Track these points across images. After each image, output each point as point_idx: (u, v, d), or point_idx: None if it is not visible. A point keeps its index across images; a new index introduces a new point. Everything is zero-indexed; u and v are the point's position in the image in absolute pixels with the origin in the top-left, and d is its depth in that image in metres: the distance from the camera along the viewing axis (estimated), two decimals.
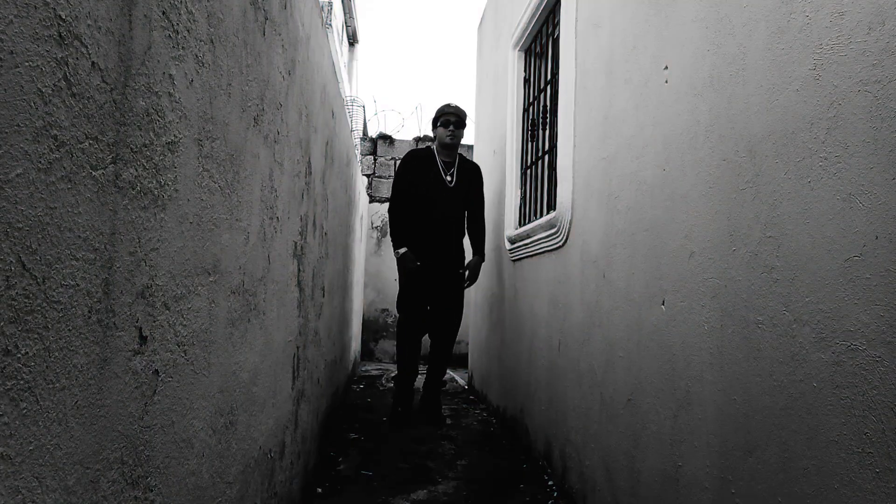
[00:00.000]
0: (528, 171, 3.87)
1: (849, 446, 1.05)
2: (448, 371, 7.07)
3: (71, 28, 0.64)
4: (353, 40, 13.94)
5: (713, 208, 1.50)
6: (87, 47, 0.67)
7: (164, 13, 0.86)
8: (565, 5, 2.90)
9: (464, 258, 4.04)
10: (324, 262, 2.76)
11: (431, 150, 4.02)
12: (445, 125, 3.92)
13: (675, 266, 1.69)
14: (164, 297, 0.90)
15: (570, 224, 2.67)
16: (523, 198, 3.94)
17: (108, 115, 0.73)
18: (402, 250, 3.86)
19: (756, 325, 1.32)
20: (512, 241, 3.79)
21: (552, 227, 2.91)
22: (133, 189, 0.79)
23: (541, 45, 3.66)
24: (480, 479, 2.77)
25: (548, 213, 3.27)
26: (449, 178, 3.94)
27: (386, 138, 8.45)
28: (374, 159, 8.37)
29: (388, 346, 7.87)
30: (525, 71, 4.02)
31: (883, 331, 0.99)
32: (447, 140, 3.91)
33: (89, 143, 0.69)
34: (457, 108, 3.98)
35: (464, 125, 3.99)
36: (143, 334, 0.84)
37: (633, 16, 2.05)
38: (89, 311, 0.70)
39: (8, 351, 0.56)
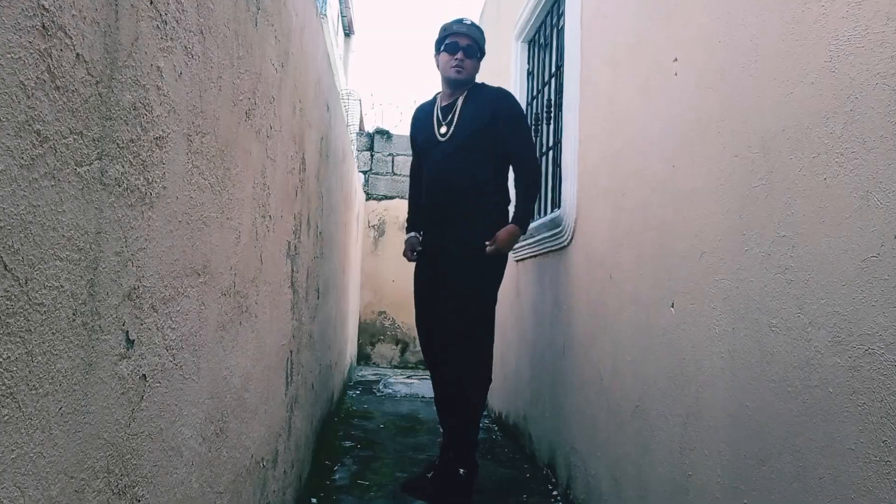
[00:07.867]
0: None
1: (866, 455, 1.03)
2: None
3: (55, 18, 0.63)
4: (348, 31, 13.86)
5: (724, 206, 1.48)
6: (71, 38, 0.66)
7: (151, 2, 0.85)
8: None
9: (488, 237, 2.66)
10: (319, 262, 2.74)
11: (436, 97, 2.94)
12: (451, 50, 2.69)
13: (684, 266, 1.66)
14: (151, 298, 0.88)
15: (576, 223, 2.64)
16: None
17: (94, 109, 0.71)
18: (407, 235, 3.01)
19: (769, 328, 1.30)
20: None
21: (556, 226, 2.88)
22: (119, 186, 0.78)
23: (545, 36, 3.63)
24: (482, 489, 2.73)
25: (552, 211, 3.24)
26: (444, 129, 2.76)
27: (383, 133, 8.39)
28: (371, 155, 8.32)
29: (385, 349, 7.83)
30: (528, 63, 3.98)
31: None
32: (451, 73, 2.70)
33: (74, 139, 0.68)
34: (471, 25, 2.75)
35: (478, 54, 2.74)
36: (130, 338, 0.83)
37: (641, 6, 2.03)
38: (74, 314, 0.69)
39: None
